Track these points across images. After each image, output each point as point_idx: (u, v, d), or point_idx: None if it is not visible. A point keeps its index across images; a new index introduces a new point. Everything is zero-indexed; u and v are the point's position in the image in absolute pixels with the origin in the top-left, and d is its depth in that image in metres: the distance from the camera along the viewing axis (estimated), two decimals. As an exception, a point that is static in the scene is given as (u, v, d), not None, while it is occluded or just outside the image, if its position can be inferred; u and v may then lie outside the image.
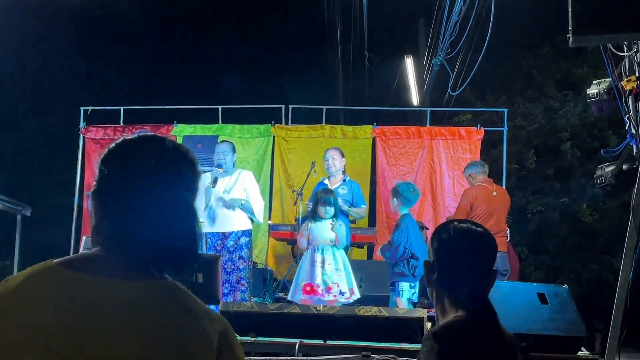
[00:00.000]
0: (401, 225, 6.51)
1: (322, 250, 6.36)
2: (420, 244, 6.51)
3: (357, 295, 6.39)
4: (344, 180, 7.41)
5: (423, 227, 8.38)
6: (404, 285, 6.41)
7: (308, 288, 6.22)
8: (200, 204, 6.95)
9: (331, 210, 6.48)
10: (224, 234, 6.86)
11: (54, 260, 1.37)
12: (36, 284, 1.32)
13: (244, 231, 6.92)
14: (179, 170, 1.49)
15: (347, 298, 6.27)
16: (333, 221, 6.46)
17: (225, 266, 6.73)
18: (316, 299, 6.14)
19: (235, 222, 6.89)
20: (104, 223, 1.42)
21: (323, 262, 6.30)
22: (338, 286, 6.25)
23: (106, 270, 1.35)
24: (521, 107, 14.02)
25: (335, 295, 6.20)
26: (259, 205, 6.99)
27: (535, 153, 13.58)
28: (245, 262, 6.82)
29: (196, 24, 19.80)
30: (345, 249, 7.14)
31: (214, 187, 6.79)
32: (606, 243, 12.82)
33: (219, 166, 6.96)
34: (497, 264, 6.99)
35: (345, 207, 7.08)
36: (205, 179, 6.98)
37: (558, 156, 13.55)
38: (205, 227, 6.93)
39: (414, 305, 6.51)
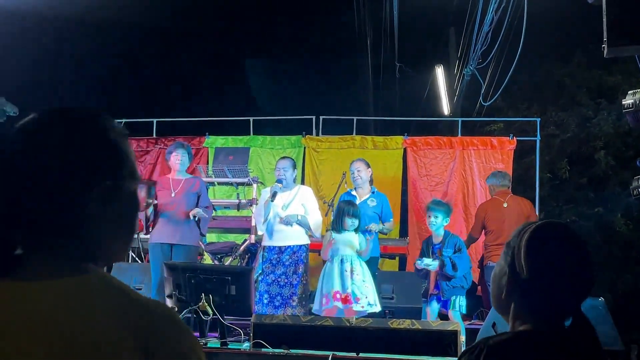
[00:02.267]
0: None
1: (351, 261, 6.38)
2: None
3: (379, 307, 6.40)
4: (373, 192, 7.38)
5: None
6: (462, 299, 6.42)
7: (338, 295, 6.23)
8: (259, 216, 7.09)
9: (356, 222, 6.52)
10: (280, 248, 6.90)
11: None
12: None
13: (300, 246, 6.94)
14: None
15: (374, 310, 6.28)
16: (359, 234, 6.54)
17: (279, 279, 6.79)
18: (347, 307, 6.15)
19: (292, 236, 6.93)
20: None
21: (352, 272, 6.32)
22: (366, 297, 6.25)
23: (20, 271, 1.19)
24: (554, 115, 13.88)
25: (363, 306, 6.20)
26: (316, 221, 7.01)
27: (569, 162, 13.43)
28: (299, 277, 6.80)
29: (228, 37, 19.94)
30: (375, 261, 7.14)
31: (272, 201, 6.86)
32: (641, 253, 12.64)
33: (279, 181, 7.03)
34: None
35: (378, 227, 7.04)
36: (265, 194, 7.10)
37: (592, 165, 13.38)
38: (264, 241, 7.05)
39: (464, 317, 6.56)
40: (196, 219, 6.86)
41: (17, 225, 1.20)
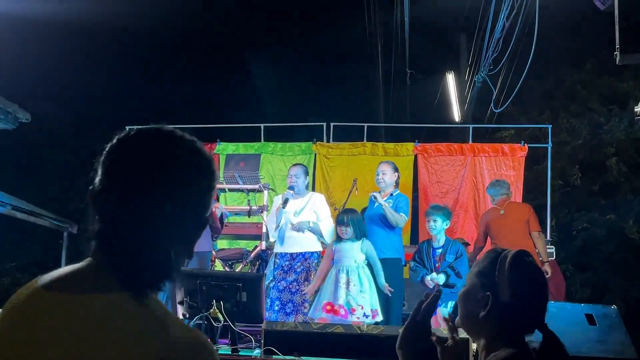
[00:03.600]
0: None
1: (348, 271, 6.31)
2: None
3: (380, 317, 6.32)
4: (391, 194, 7.17)
5: (465, 244, 8.37)
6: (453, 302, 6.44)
7: (329, 307, 6.17)
8: (271, 223, 7.10)
9: (349, 230, 6.41)
10: (291, 254, 6.89)
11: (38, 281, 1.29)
12: (16, 309, 1.25)
13: (312, 253, 6.93)
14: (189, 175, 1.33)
15: (370, 320, 6.21)
16: (356, 241, 6.43)
17: (291, 286, 6.78)
18: (337, 319, 6.09)
19: (303, 243, 6.92)
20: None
21: (348, 283, 6.24)
22: (362, 308, 6.19)
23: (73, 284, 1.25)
24: (565, 122, 13.84)
25: (358, 317, 6.13)
26: (328, 227, 6.99)
27: (580, 169, 13.37)
28: (310, 284, 6.77)
29: (239, 42, 20.02)
30: (399, 262, 6.97)
31: (284, 207, 6.86)
32: (654, 260, 12.56)
33: (291, 188, 7.03)
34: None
35: (382, 201, 6.85)
36: (277, 200, 7.13)
37: (603, 172, 13.32)
38: (276, 248, 7.06)
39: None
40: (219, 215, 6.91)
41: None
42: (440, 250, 6.68)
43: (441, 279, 6.46)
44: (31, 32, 10.97)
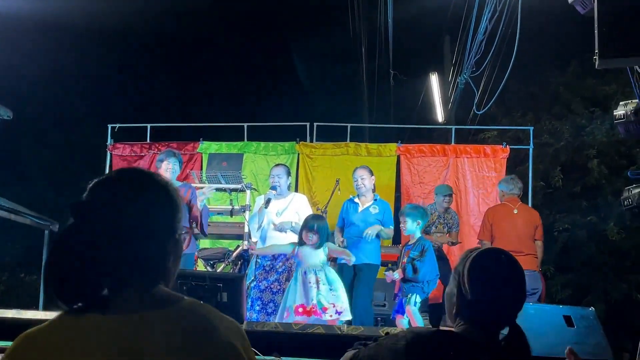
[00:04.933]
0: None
1: (315, 271, 6.29)
2: None
3: (349, 315, 6.31)
4: (375, 200, 7.29)
5: (454, 243, 8.42)
6: (418, 297, 6.49)
7: (301, 309, 6.15)
8: (253, 223, 7.12)
9: (315, 237, 6.34)
10: (273, 255, 6.89)
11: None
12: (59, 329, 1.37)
13: None
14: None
15: (343, 318, 6.23)
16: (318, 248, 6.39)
17: (272, 286, 6.77)
18: (314, 319, 6.10)
19: (285, 243, 6.92)
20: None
21: (317, 283, 6.25)
22: (334, 306, 6.20)
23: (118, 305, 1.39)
24: (547, 124, 13.92)
25: (331, 315, 6.14)
26: None
27: (562, 171, 13.44)
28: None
29: (222, 42, 19.98)
30: (375, 269, 7.09)
31: (266, 207, 6.86)
32: (634, 262, 12.63)
33: (273, 188, 7.03)
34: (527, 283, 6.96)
35: (374, 231, 6.98)
36: (259, 200, 7.14)
37: (585, 174, 13.39)
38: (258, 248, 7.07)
39: None
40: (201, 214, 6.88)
41: (107, 271, 1.41)
42: (409, 247, 6.74)
43: (396, 274, 6.53)
44: (13, 30, 10.88)
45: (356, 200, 7.36)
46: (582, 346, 4.66)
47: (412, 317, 6.45)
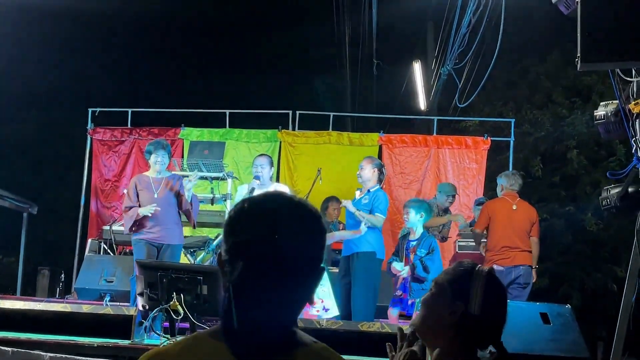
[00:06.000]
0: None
1: None
2: None
3: (336, 311, 6.32)
4: (369, 191, 6.96)
5: (445, 238, 8.42)
6: None
7: None
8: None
9: None
10: None
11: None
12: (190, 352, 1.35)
13: None
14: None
15: (329, 315, 6.22)
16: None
17: None
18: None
19: None
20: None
21: None
22: (322, 302, 6.20)
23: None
24: (528, 114, 14.00)
25: (318, 311, 6.14)
26: None
27: (542, 160, 13.55)
28: None
29: (205, 28, 19.82)
30: (370, 256, 6.86)
31: None
32: (611, 252, 12.80)
33: (257, 178, 7.01)
34: (521, 277, 7.01)
35: (353, 209, 6.72)
36: (241, 190, 7.12)
37: (564, 164, 13.51)
38: None
39: None
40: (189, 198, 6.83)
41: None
42: (414, 243, 6.68)
43: (404, 271, 6.48)
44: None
45: (357, 192, 7.16)
46: (559, 343, 4.73)
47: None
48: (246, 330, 1.33)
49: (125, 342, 4.98)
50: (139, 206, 6.72)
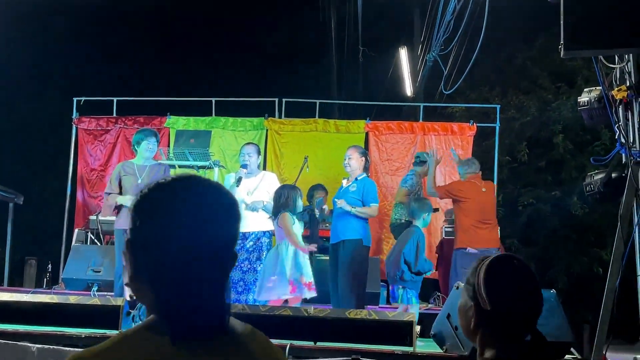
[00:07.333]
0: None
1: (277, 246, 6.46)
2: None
3: (313, 292, 6.35)
4: (356, 179, 6.95)
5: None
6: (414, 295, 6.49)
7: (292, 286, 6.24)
8: None
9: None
10: (244, 234, 6.79)
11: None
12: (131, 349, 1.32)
13: (264, 232, 6.91)
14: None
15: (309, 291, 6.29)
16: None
17: (242, 265, 6.75)
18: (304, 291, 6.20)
19: (255, 222, 6.86)
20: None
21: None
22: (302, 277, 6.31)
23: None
24: (514, 99, 14.04)
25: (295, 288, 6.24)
26: None
27: (528, 145, 13.61)
28: (262, 263, 6.73)
29: (190, 16, 19.70)
30: (355, 243, 6.88)
31: (237, 186, 6.83)
32: (596, 236, 12.90)
33: (244, 166, 7.00)
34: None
35: (349, 208, 6.71)
36: (229, 179, 7.10)
37: (550, 149, 13.58)
38: None
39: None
40: None
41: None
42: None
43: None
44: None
45: (344, 182, 7.15)
46: (544, 328, 4.72)
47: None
48: (175, 318, 1.33)
49: (113, 332, 4.98)
50: (120, 193, 6.72)
